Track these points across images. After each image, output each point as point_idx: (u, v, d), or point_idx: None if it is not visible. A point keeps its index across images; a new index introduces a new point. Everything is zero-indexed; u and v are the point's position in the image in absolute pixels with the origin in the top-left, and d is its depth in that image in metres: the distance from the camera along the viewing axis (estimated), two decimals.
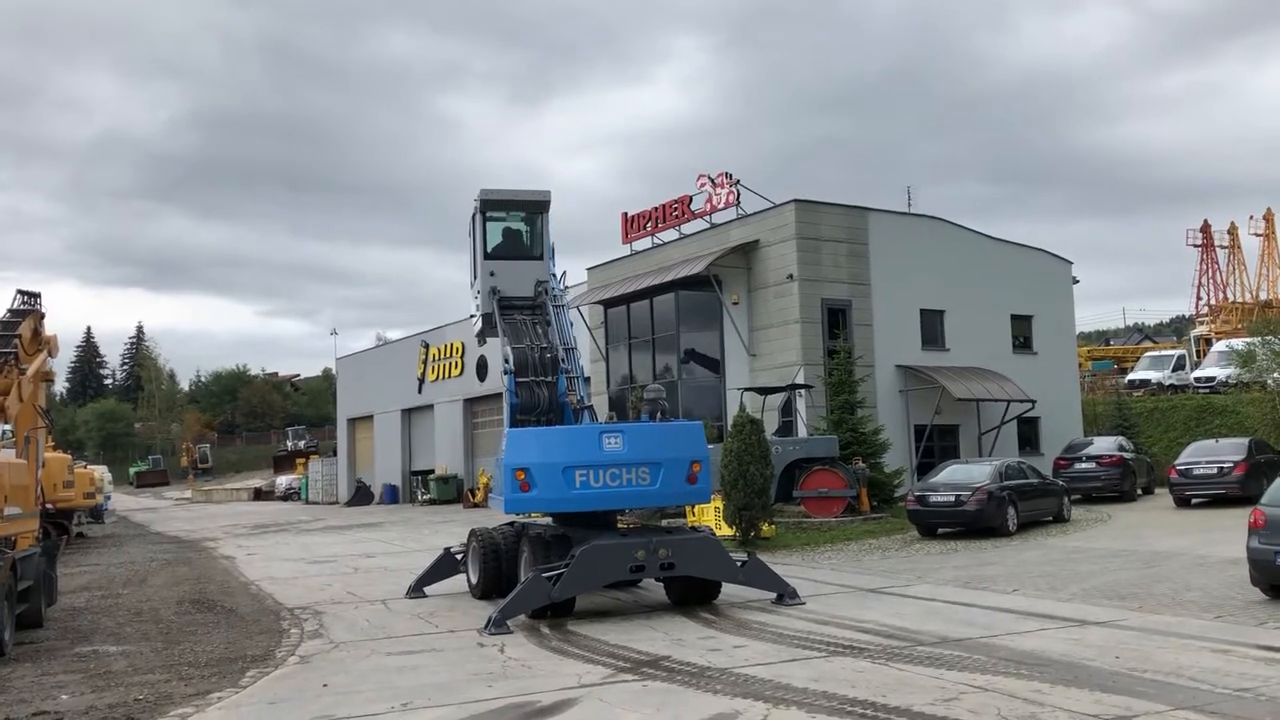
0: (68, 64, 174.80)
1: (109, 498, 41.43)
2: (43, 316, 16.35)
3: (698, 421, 14.25)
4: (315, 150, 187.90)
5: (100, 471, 40.36)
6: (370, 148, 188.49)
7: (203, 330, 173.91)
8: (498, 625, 12.36)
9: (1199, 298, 78.05)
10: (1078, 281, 36.50)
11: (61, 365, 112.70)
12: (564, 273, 16.93)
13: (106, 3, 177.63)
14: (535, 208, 16.65)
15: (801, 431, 27.41)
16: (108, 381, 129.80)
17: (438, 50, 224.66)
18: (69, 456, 31.63)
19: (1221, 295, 76.66)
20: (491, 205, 16.43)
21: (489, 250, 16.41)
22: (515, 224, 16.69)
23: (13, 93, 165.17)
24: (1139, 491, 28.60)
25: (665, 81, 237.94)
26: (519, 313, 16.22)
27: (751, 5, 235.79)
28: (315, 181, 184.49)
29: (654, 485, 13.40)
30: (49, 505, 23.67)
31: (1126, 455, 28.51)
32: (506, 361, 15.26)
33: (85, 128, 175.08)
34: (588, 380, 15.81)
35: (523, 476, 13.22)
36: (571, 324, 16.51)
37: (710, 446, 24.72)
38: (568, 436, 13.77)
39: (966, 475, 22.26)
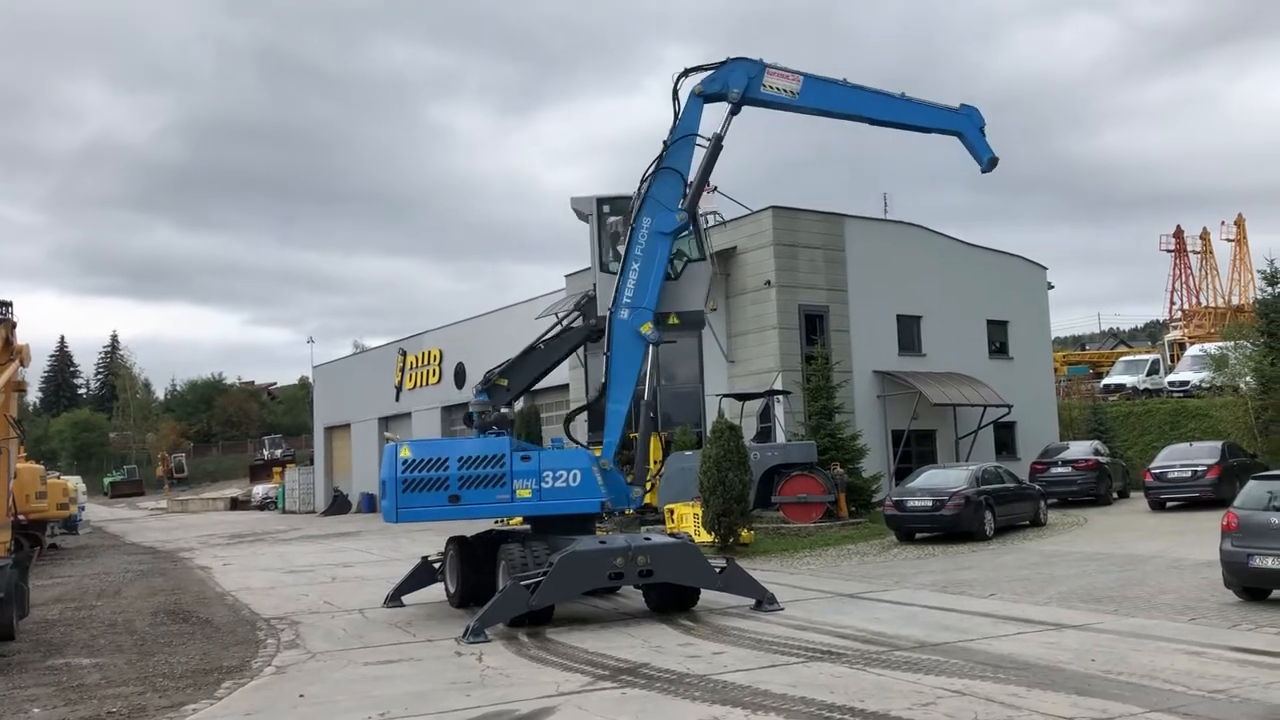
0: (62, 73, 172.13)
1: (83, 508, 40.93)
2: (14, 326, 16.16)
3: (393, 443, 14.70)
4: (306, 159, 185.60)
5: (74, 482, 39.90)
6: (362, 156, 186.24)
7: (187, 339, 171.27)
8: (476, 634, 12.33)
9: (1172, 303, 79.01)
10: (1053, 287, 36.81)
11: (35, 375, 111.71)
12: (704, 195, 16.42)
13: (104, 11, 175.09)
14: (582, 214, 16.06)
15: (780, 437, 27.45)
16: (82, 391, 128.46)
17: (432, 60, 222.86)
18: (41, 467, 31.27)
19: (1194, 300, 77.56)
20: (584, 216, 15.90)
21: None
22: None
23: (5, 101, 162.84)
24: (1114, 495, 28.80)
25: (656, 91, 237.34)
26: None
27: (744, 15, 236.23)
28: (306, 190, 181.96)
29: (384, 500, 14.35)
30: (21, 516, 23.41)
31: (1102, 459, 28.71)
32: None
33: (74, 136, 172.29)
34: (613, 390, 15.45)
35: (381, 489, 14.60)
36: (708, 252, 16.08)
37: (689, 453, 25.18)
38: (387, 455, 14.57)
39: (944, 480, 22.38)
